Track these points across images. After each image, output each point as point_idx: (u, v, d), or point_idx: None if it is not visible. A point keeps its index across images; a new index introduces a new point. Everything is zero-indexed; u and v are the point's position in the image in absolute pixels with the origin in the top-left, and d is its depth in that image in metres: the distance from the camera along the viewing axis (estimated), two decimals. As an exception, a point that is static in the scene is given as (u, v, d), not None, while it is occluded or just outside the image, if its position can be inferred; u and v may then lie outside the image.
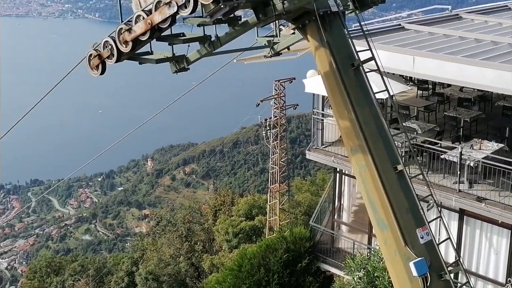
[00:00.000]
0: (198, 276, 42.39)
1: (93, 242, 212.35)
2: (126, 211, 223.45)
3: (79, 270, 51.80)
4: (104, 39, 9.31)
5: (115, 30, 9.15)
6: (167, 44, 9.66)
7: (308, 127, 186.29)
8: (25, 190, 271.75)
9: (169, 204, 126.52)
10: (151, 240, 48.74)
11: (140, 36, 8.88)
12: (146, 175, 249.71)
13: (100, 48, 9.40)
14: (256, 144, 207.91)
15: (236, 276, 19.77)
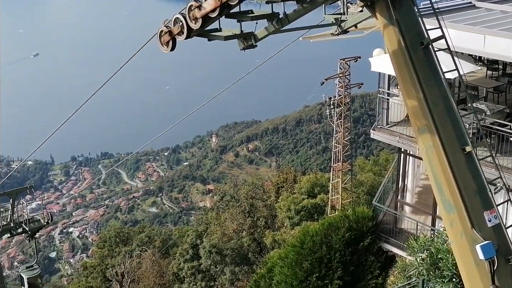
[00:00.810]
0: (260, 251, 42.73)
1: (159, 215, 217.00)
2: (191, 186, 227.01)
3: (146, 241, 53.04)
4: (175, 16, 9.38)
5: (185, 7, 9.21)
6: (236, 21, 9.65)
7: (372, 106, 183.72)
8: (96, 162, 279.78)
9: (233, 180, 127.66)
10: (215, 214, 49.33)
11: (209, 13, 8.91)
12: (210, 151, 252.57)
13: (170, 24, 9.49)
14: (319, 122, 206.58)
15: (298, 252, 19.78)
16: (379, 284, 19.41)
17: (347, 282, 19.35)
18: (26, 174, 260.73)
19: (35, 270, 25.78)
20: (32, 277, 25.33)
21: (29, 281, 25.20)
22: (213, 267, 42.98)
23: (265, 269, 22.07)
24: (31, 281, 25.29)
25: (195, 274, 45.04)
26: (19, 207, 26.55)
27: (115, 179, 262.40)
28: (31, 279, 25.26)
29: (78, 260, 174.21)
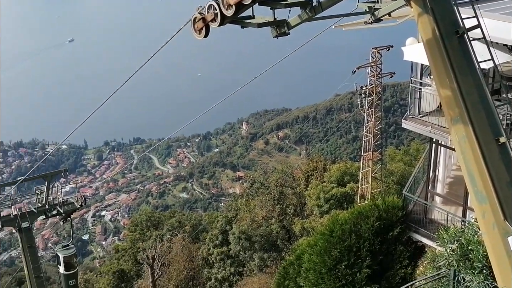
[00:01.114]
0: (289, 238, 42.78)
1: (189, 200, 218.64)
2: (221, 172, 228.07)
3: (176, 225, 53.52)
4: (209, 3, 9.36)
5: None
6: (269, 8, 9.60)
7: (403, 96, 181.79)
8: (128, 147, 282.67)
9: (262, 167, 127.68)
10: (245, 201, 49.47)
11: (243, 0, 8.87)
12: (241, 138, 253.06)
13: (204, 11, 9.47)
14: (350, 111, 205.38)
15: (327, 240, 19.73)
16: (408, 274, 19.28)
17: (375, 271, 19.25)
18: (60, 158, 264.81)
19: (71, 250, 26.36)
20: (68, 256, 25.93)
21: (65, 260, 25.78)
22: (242, 253, 43.17)
23: (294, 256, 22.07)
24: (67, 260, 25.86)
25: (224, 259, 45.34)
26: (53, 189, 26.97)
27: (147, 164, 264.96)
28: (67, 258, 25.85)
29: (110, 243, 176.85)
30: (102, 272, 58.91)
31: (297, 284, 21.12)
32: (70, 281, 26.49)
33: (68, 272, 26.30)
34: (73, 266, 26.65)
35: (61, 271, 26.40)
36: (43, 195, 26.97)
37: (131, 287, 51.21)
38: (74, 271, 26.95)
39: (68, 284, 26.44)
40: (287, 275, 21.67)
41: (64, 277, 26.37)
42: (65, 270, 26.22)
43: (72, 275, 26.62)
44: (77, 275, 27.71)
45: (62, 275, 26.54)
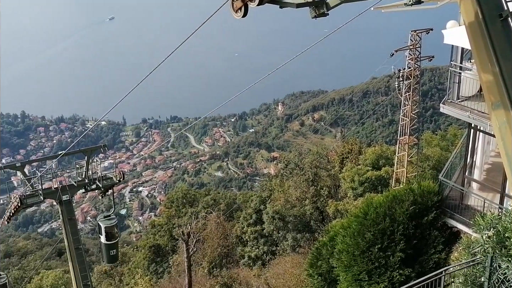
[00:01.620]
0: (322, 220, 42.71)
1: (224, 179, 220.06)
2: (256, 152, 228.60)
3: (211, 203, 53.94)
4: (248, -19, 9.23)
5: (259, -27, 9.04)
6: (308, -12, 9.44)
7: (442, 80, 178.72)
8: (165, 125, 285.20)
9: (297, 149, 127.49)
10: (279, 181, 49.44)
11: (282, -21, 8.75)
12: (276, 119, 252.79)
13: (243, -10, 9.34)
14: (386, 95, 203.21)
15: (361, 223, 19.63)
16: (442, 259, 19.07)
17: (409, 255, 19.10)
18: (99, 134, 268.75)
19: (113, 220, 26.68)
20: (109, 226, 26.24)
21: (106, 230, 26.08)
22: (276, 232, 43.32)
23: (327, 238, 22.06)
24: (108, 230, 26.18)
25: (258, 238, 45.56)
26: (93, 164, 27.29)
27: (183, 143, 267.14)
28: (108, 228, 26.16)
29: (147, 218, 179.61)
30: (139, 246, 59.87)
31: (329, 265, 21.14)
32: (111, 251, 26.78)
33: (109, 242, 26.47)
34: (114, 236, 26.80)
35: (102, 241, 26.67)
36: (83, 170, 27.24)
37: (166, 261, 51.92)
38: (115, 241, 27.03)
39: (109, 253, 26.77)
40: (320, 256, 21.69)
41: (105, 247, 26.61)
42: (106, 240, 26.40)
43: (113, 245, 26.79)
44: (117, 245, 27.73)
45: (103, 245, 26.81)
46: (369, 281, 18.93)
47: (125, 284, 53.11)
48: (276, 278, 32.83)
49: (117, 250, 27.50)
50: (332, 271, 20.99)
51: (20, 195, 25.76)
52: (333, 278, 21.07)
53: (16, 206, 25.91)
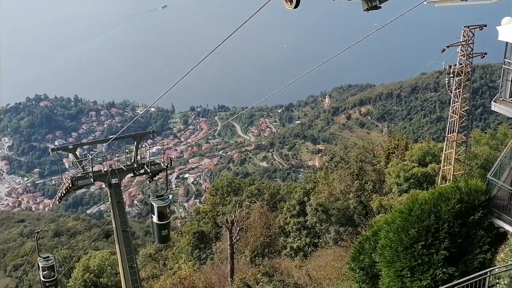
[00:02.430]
0: (366, 214, 42.35)
1: (269, 169, 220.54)
2: (301, 144, 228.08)
3: (255, 193, 54.07)
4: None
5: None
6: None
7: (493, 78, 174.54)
8: (213, 114, 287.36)
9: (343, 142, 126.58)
10: (323, 174, 49.19)
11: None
12: (322, 111, 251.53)
13: (296, -19, 9.27)
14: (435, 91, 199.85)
15: (406, 219, 19.36)
16: (487, 259, 18.65)
17: (453, 253, 18.75)
18: (148, 120, 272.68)
19: (165, 200, 26.47)
20: (162, 206, 26.02)
21: (159, 210, 25.83)
22: (318, 225, 43.18)
23: (370, 232, 21.85)
24: (161, 210, 25.94)
25: (300, 229, 45.51)
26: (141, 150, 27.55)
27: (230, 132, 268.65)
28: (161, 208, 25.93)
29: (192, 205, 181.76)
30: (183, 232, 60.55)
31: (372, 259, 20.96)
32: (162, 231, 26.51)
33: (161, 222, 26.20)
34: (166, 216, 26.52)
35: (154, 221, 26.32)
36: (132, 154, 27.45)
37: (209, 248, 52.39)
38: (167, 222, 26.78)
39: (161, 234, 26.51)
40: (363, 250, 21.52)
41: (157, 227, 26.35)
42: (158, 220, 26.11)
43: (165, 225, 26.52)
44: (169, 226, 27.57)
45: (155, 225, 26.52)
46: (411, 277, 18.70)
47: (168, 268, 53.87)
48: (317, 270, 32.74)
49: (168, 230, 27.23)
50: (374, 265, 20.81)
51: (72, 177, 26.15)
52: (375, 273, 20.90)
53: (68, 187, 26.34)
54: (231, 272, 32.73)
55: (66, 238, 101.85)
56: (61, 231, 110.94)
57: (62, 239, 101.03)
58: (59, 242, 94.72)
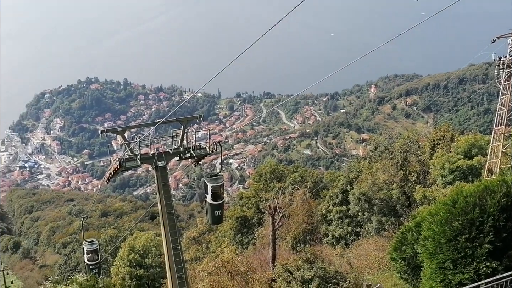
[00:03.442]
0: (409, 205, 41.81)
1: (312, 157, 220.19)
2: (346, 133, 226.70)
3: (298, 180, 54.02)
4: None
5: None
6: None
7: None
8: (258, 101, 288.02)
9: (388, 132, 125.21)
10: (367, 163, 48.72)
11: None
12: (368, 100, 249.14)
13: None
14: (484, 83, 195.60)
15: (450, 211, 19.02)
16: (533, 255, 18.23)
17: (497, 247, 18.35)
18: (195, 105, 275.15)
19: (219, 180, 25.39)
20: (216, 186, 25.03)
21: (213, 190, 24.92)
22: (361, 214, 42.86)
23: (413, 223, 21.58)
24: (215, 190, 24.99)
25: (343, 218, 45.32)
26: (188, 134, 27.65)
27: (275, 119, 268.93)
28: (215, 188, 24.98)
29: (235, 190, 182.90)
30: (226, 216, 61.03)
31: (414, 250, 20.73)
32: (216, 212, 25.49)
33: (215, 202, 25.15)
34: (220, 197, 25.32)
35: (208, 201, 25.29)
36: (178, 138, 27.49)
37: (251, 233, 52.73)
38: (221, 202, 25.53)
39: (214, 214, 25.50)
40: (405, 241, 21.30)
41: (210, 207, 25.36)
42: (212, 200, 25.09)
43: (218, 205, 25.40)
44: (223, 206, 26.12)
45: (208, 205, 25.49)
46: (454, 270, 18.41)
47: (211, 251, 54.45)
48: (359, 259, 32.59)
49: (222, 211, 25.97)
50: (416, 256, 20.58)
51: (120, 158, 26.34)
52: (416, 264, 20.68)
53: (116, 168, 26.61)
54: (273, 257, 32.81)
55: (113, 218, 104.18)
56: (108, 211, 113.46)
57: (109, 219, 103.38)
58: (106, 222, 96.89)
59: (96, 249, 33.96)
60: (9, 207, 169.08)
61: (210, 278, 31.62)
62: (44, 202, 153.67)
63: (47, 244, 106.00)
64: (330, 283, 27.37)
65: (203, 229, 61.32)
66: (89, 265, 31.95)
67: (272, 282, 30.10)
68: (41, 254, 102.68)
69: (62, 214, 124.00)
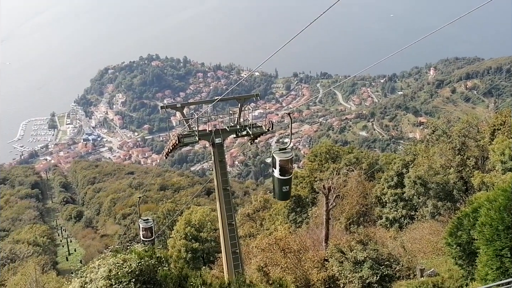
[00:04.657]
0: (466, 190, 40.75)
1: (368, 139, 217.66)
2: (403, 115, 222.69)
3: (353, 161, 53.42)
4: None
5: None
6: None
7: None
8: (315, 81, 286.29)
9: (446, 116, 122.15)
10: (424, 147, 47.67)
11: None
12: (426, 83, 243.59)
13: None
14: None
15: (509, 198, 18.43)
16: None
17: (558, 237, 17.73)
18: (252, 84, 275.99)
19: (288, 154, 23.60)
20: (284, 159, 23.37)
21: (281, 164, 23.33)
22: (416, 197, 42.07)
23: (470, 208, 21.01)
24: (283, 164, 23.36)
25: (397, 201, 44.61)
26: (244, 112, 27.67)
27: (331, 99, 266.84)
28: (283, 162, 23.36)
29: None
30: (285, 194, 60.97)
31: (470, 236, 20.22)
32: (284, 187, 23.85)
33: (283, 177, 23.49)
34: (288, 171, 23.59)
35: (275, 175, 23.63)
36: (235, 116, 27.53)
37: (305, 212, 52.64)
38: (289, 177, 23.83)
39: (282, 189, 23.87)
40: (461, 226, 20.79)
41: (278, 182, 23.72)
42: (280, 175, 23.43)
43: (286, 180, 23.75)
44: (291, 181, 24.32)
45: (276, 180, 23.79)
46: (511, 258, 17.89)
47: (265, 229, 54.72)
48: (412, 243, 32.02)
49: (290, 186, 24.12)
50: (472, 243, 20.07)
51: (178, 134, 26.63)
52: (472, 250, 20.17)
53: (174, 143, 26.93)
54: (326, 237, 32.65)
55: (171, 192, 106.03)
56: (166, 185, 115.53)
57: (167, 192, 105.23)
58: (164, 195, 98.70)
59: (151, 227, 34.93)
60: (73, 178, 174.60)
61: (264, 254, 31.79)
62: (105, 174, 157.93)
63: (108, 214, 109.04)
64: (383, 265, 27.10)
65: (257, 207, 61.61)
66: (144, 241, 32.82)
67: (324, 261, 30.02)
68: (102, 224, 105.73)
69: (122, 186, 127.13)
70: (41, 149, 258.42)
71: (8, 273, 55.78)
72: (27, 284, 39.55)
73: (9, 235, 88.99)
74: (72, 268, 62.23)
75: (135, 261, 16.01)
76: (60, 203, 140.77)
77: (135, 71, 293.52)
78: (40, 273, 48.31)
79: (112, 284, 15.54)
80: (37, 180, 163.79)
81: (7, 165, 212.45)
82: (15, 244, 74.27)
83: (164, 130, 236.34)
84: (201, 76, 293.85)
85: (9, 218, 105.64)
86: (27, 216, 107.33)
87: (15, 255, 67.54)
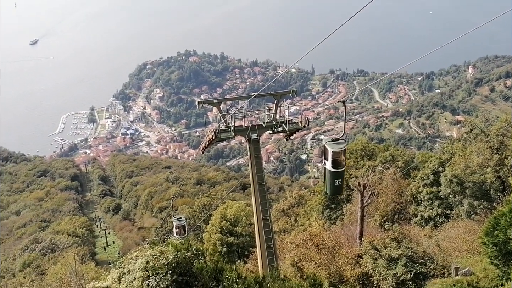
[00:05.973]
0: (503, 190, 40.03)
1: (404, 137, 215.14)
2: (440, 114, 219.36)
3: (389, 159, 52.95)
4: None
5: None
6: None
7: None
8: (352, 78, 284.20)
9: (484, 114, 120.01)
10: (461, 145, 46.98)
11: None
12: (465, 81, 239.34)
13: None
14: None
15: (547, 198, 18.14)
16: None
17: None
18: (288, 80, 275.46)
19: (342, 145, 21.73)
20: (337, 151, 21.43)
21: (334, 155, 21.40)
22: (452, 196, 41.53)
23: (507, 208, 20.68)
24: (336, 155, 21.44)
25: (433, 199, 44.09)
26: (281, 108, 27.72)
27: (367, 97, 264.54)
28: (336, 154, 21.42)
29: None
30: (315, 191, 61.00)
31: (506, 236, 19.93)
32: (336, 180, 21.93)
33: (335, 169, 21.56)
34: (341, 164, 21.70)
35: (327, 167, 21.68)
36: (272, 112, 27.57)
37: (340, 209, 52.44)
38: (342, 170, 21.95)
39: (333, 183, 22.01)
40: (498, 226, 20.48)
41: (330, 175, 21.79)
42: (332, 167, 21.52)
43: (339, 173, 21.80)
44: (344, 175, 22.44)
45: (327, 172, 21.88)
46: (549, 259, 17.60)
47: (299, 224, 54.72)
48: (447, 242, 31.61)
49: (342, 180, 22.22)
50: (508, 243, 19.77)
51: (215, 129, 26.81)
52: (509, 250, 19.87)
53: (211, 139, 27.12)
54: (360, 234, 32.48)
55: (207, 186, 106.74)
56: (202, 180, 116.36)
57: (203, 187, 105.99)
58: (200, 190, 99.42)
59: (184, 225, 35.50)
60: (112, 171, 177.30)
61: (298, 250, 31.86)
62: (143, 168, 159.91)
63: (145, 207, 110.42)
64: (417, 263, 26.88)
65: (292, 202, 61.63)
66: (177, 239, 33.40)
67: (358, 258, 29.92)
68: (140, 216, 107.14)
69: (159, 180, 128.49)
70: (80, 142, 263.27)
71: (48, 262, 57.21)
72: (66, 274, 40.44)
73: (50, 226, 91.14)
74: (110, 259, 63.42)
75: (172, 253, 16.32)
76: (99, 195, 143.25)
77: (172, 66, 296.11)
78: (79, 263, 49.40)
79: (149, 276, 15.90)
80: (76, 173, 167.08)
81: (47, 157, 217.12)
82: (55, 235, 76.08)
83: (201, 125, 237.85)
84: (237, 72, 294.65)
85: (50, 209, 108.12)
86: (67, 208, 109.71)
87: (55, 245, 69.22)
